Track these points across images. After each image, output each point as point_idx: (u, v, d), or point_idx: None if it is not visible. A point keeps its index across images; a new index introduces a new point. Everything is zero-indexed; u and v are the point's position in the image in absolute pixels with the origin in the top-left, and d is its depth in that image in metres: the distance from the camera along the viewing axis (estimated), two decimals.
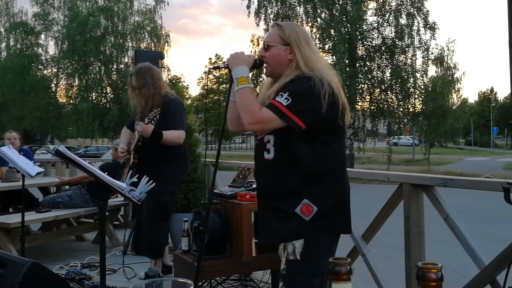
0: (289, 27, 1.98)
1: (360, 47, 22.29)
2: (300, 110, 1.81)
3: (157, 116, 3.46)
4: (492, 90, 60.54)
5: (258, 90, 2.51)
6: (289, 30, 1.96)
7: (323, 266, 1.89)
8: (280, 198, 1.92)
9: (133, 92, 3.69)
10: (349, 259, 0.83)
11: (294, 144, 1.88)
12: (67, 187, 5.66)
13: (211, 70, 2.18)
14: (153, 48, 26.84)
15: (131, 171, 3.60)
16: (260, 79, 16.43)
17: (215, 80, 41.86)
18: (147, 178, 2.36)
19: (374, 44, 22.10)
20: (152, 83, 3.59)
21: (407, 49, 21.49)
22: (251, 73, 2.03)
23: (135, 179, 2.36)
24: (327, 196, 1.89)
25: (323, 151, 1.90)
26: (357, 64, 22.05)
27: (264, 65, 2.03)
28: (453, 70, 23.57)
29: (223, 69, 2.06)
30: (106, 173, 2.32)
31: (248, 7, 22.93)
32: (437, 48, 22.69)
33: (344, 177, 2.00)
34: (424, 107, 22.49)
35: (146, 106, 3.60)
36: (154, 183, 2.37)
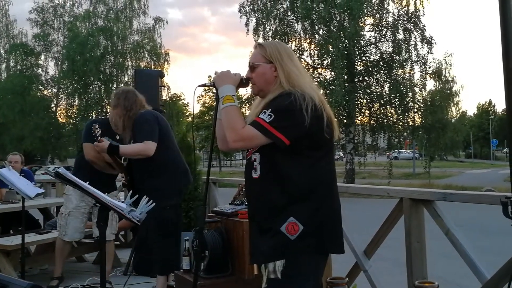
0: (271, 45, 2.01)
1: (359, 62, 22.46)
2: (283, 126, 1.81)
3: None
4: (490, 102, 60.48)
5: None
6: (271, 48, 1.98)
7: (306, 287, 1.84)
8: (266, 217, 1.87)
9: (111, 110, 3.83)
10: (347, 279, 0.84)
11: (279, 161, 1.86)
12: None
13: (198, 87, 2.19)
14: (153, 67, 27.03)
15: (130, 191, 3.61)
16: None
17: (215, 97, 41.94)
18: (147, 198, 2.35)
19: (372, 59, 22.27)
20: (125, 105, 3.65)
21: (405, 63, 21.64)
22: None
23: (131, 201, 2.35)
24: (314, 214, 1.83)
25: (310, 167, 1.86)
26: (356, 79, 22.18)
27: (251, 84, 2.04)
28: (451, 83, 23.66)
29: (209, 87, 2.09)
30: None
31: (247, 25, 23.24)
32: (434, 62, 22.78)
33: (333, 194, 1.94)
34: (423, 121, 22.53)
35: (118, 126, 3.70)
36: (154, 203, 2.36)
